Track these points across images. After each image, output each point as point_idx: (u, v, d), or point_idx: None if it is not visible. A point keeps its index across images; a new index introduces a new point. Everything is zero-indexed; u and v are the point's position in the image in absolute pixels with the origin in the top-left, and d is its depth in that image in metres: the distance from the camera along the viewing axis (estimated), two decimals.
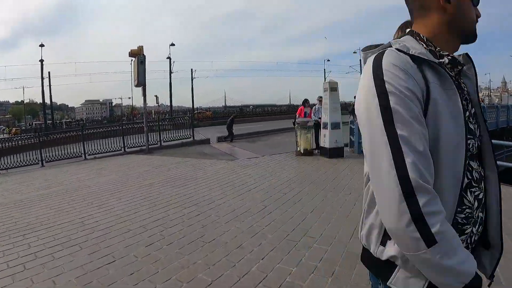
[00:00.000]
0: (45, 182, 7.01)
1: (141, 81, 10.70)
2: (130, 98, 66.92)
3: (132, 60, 11.43)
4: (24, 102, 58.57)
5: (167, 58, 37.90)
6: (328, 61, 53.23)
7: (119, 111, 70.69)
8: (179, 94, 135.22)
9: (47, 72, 35.15)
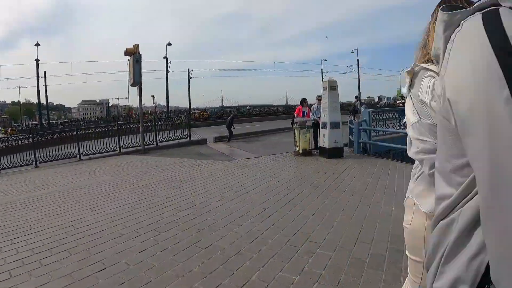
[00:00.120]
0: (37, 183, 6.82)
1: (136, 80, 10.61)
2: (127, 98, 66.66)
3: (128, 59, 11.30)
4: (20, 102, 58.21)
5: (164, 57, 37.62)
6: (325, 61, 53.31)
7: (116, 112, 70.32)
8: (176, 94, 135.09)
9: (43, 71, 34.80)
